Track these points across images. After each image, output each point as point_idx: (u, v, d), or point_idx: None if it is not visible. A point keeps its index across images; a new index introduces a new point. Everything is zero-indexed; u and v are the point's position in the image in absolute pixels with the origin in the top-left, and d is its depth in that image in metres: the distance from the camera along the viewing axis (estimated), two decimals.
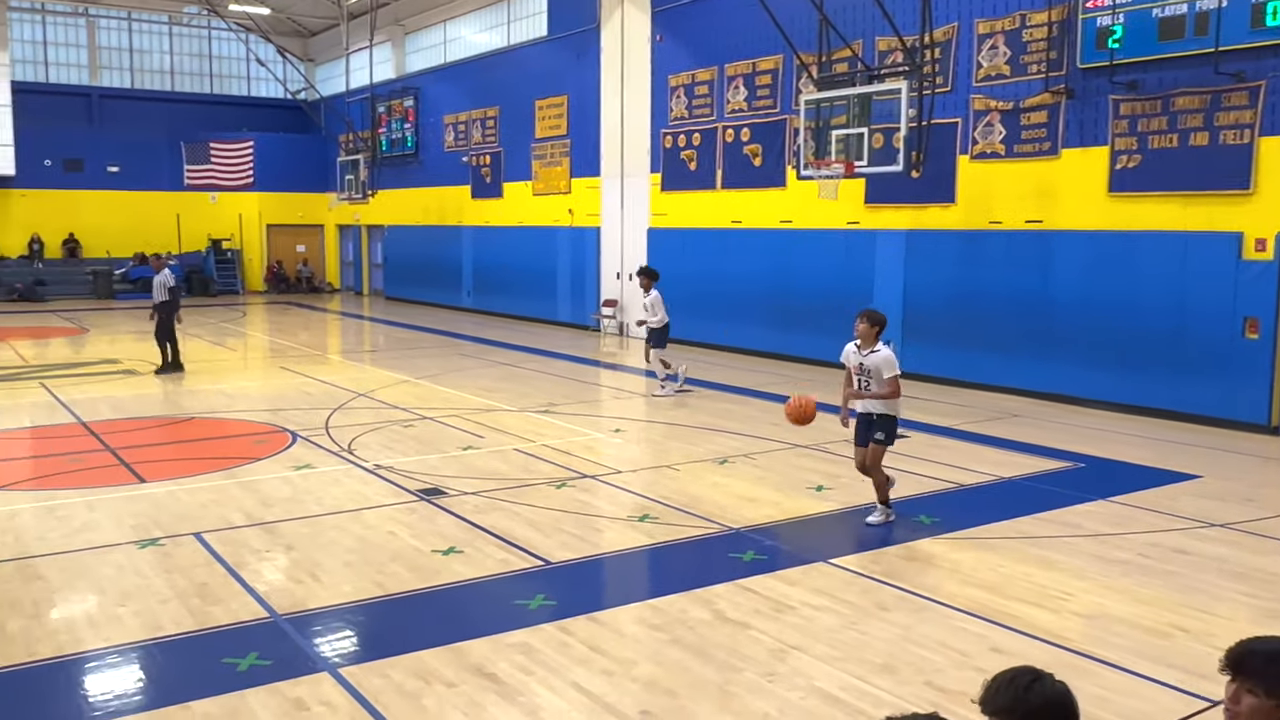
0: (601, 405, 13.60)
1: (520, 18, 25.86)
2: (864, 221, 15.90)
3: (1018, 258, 13.69)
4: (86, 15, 33.01)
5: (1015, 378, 13.84)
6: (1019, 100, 13.53)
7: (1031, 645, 5.62)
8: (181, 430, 11.88)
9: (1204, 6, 11.29)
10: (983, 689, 2.27)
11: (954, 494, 8.99)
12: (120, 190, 32.63)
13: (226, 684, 5.21)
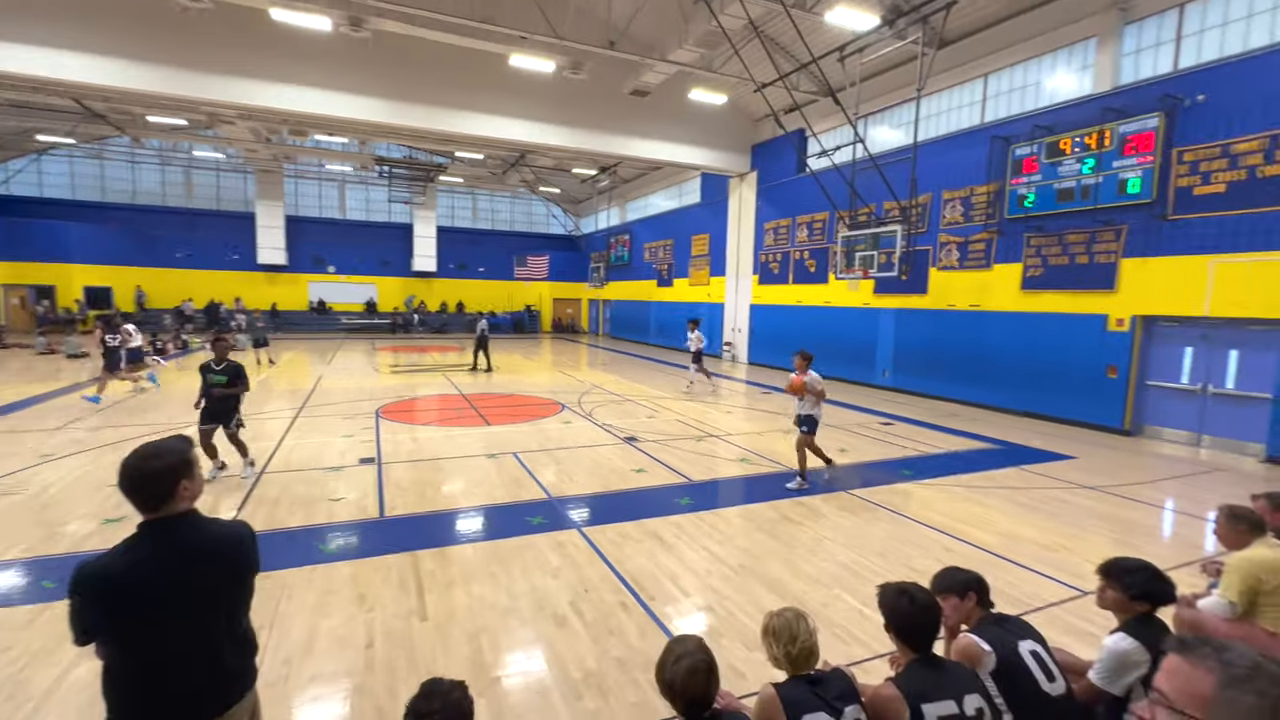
0: (721, 396, 13.52)
1: (686, 193, 26.17)
2: (872, 303, 15.25)
3: (964, 325, 12.85)
4: (473, 194, 35.46)
5: (959, 393, 12.95)
6: (968, 236, 12.71)
7: (969, 549, 5.39)
8: (507, 399, 12.59)
9: (1087, 183, 10.36)
10: (932, 580, 2.37)
11: (922, 458, 8.57)
12: (484, 280, 34.87)
13: (527, 530, 5.59)
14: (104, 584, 1.65)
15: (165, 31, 13.10)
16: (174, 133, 24.60)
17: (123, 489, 1.74)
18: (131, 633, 1.70)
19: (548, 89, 16.29)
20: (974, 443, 9.50)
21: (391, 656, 3.53)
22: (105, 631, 1.69)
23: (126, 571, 1.68)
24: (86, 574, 1.65)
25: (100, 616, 1.67)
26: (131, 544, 1.73)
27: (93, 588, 1.64)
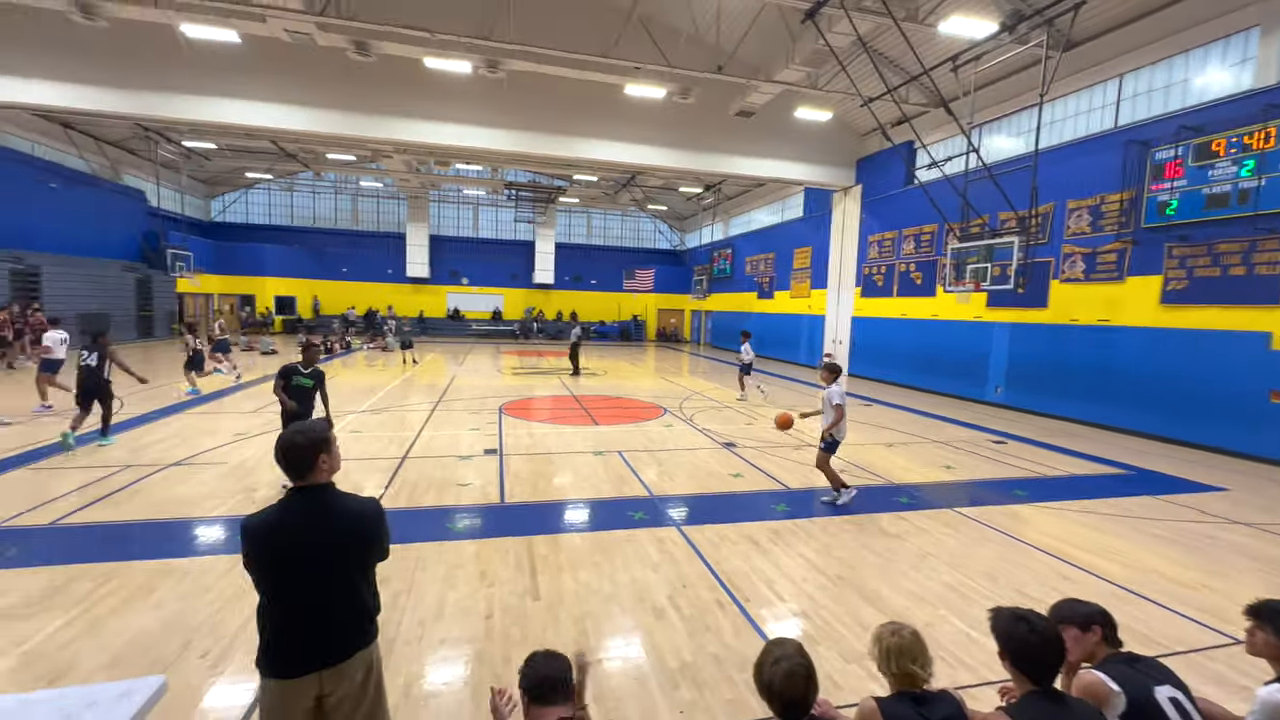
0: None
1: (789, 208, 25.47)
2: (984, 317, 13.97)
3: (1089, 340, 11.44)
4: (588, 213, 36.69)
5: (1081, 413, 11.55)
6: (1096, 247, 11.32)
7: (1091, 580, 4.78)
8: (613, 401, 12.84)
9: (1246, 187, 8.88)
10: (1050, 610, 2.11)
11: (1038, 480, 7.71)
12: (596, 291, 35.91)
13: (629, 524, 5.63)
14: (250, 533, 1.97)
15: (341, 83, 14.80)
16: (346, 167, 27.69)
17: (276, 458, 2.03)
18: (265, 576, 1.98)
19: (658, 114, 16.55)
20: (1099, 466, 8.41)
21: (507, 629, 3.71)
22: (252, 572, 1.98)
23: (266, 526, 1.98)
24: (244, 524, 1.99)
25: (248, 559, 1.97)
26: (278, 505, 2.02)
27: (245, 536, 1.97)
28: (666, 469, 7.51)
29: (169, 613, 3.75)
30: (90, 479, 6.31)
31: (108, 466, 6.78)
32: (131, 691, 1.96)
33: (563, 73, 13.81)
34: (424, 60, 13.04)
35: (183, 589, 4.06)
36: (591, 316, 35.40)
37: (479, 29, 12.83)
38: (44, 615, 3.67)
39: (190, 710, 2.90)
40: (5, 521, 5.13)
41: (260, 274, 30.26)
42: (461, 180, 29.94)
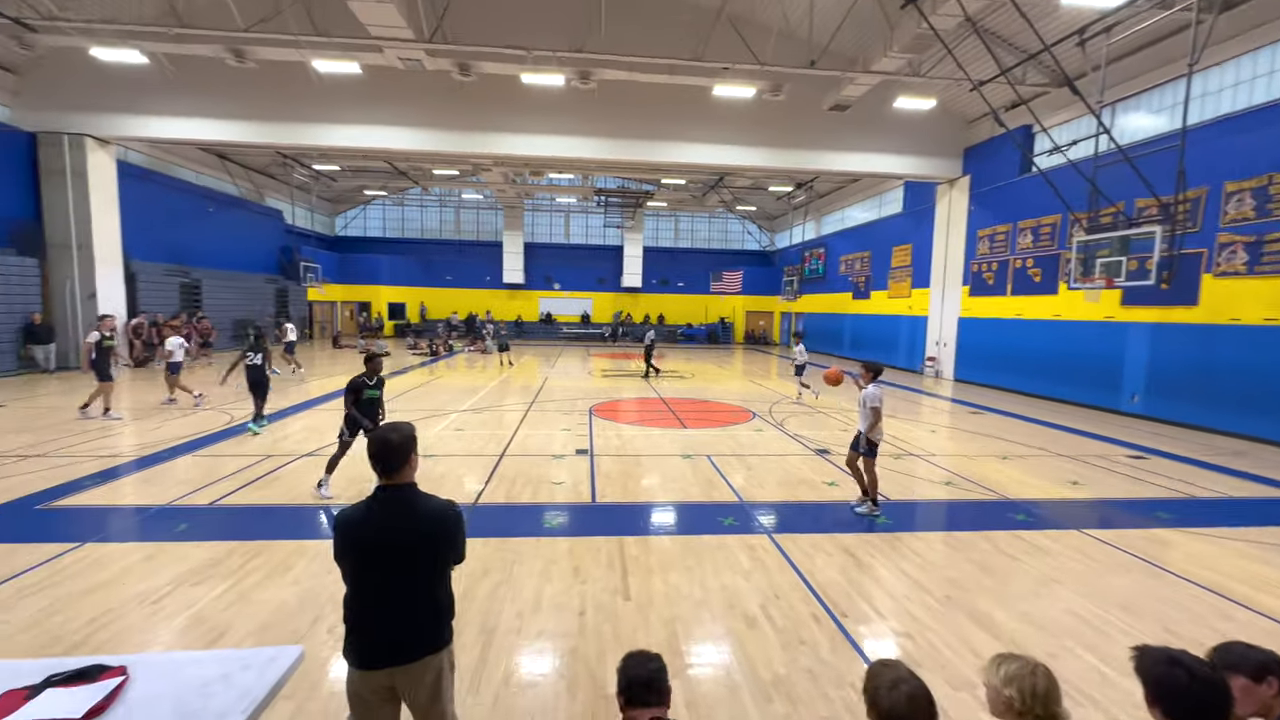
0: (922, 413, 12.17)
1: (886, 203, 24.19)
2: (1118, 316, 12.47)
3: (1256, 343, 9.89)
4: (675, 216, 36.80)
5: (1244, 426, 10.01)
6: (1263, 235, 9.79)
7: (1262, 621, 4.14)
8: (700, 405, 12.76)
9: None
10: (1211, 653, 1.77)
11: (1187, 501, 6.80)
12: (683, 294, 35.94)
13: (718, 530, 5.57)
14: (339, 526, 2.10)
15: (447, 103, 15.87)
16: (449, 181, 29.62)
17: (369, 453, 2.10)
18: (348, 567, 2.09)
19: (747, 113, 16.31)
20: (1263, 488, 7.26)
21: (599, 626, 3.80)
22: (340, 563, 2.11)
23: (354, 520, 2.09)
24: (336, 516, 2.15)
25: (337, 548, 2.10)
26: (367, 501, 2.12)
27: (335, 527, 2.11)
28: (756, 474, 7.37)
29: (303, 589, 4.19)
30: (239, 466, 7.17)
31: (253, 455, 7.68)
32: (277, 658, 2.20)
33: (653, 79, 13.97)
34: (521, 76, 13.67)
35: (314, 568, 4.51)
36: (678, 319, 35.44)
37: (571, 43, 13.28)
38: (207, 583, 4.22)
39: (319, 678, 3.21)
40: (177, 500, 5.95)
41: (375, 282, 33.05)
42: (554, 189, 31.07)
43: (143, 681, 2.03)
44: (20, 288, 14.89)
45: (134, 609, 3.87)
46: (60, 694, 1.89)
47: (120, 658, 2.11)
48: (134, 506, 5.82)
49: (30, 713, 1.80)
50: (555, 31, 13.71)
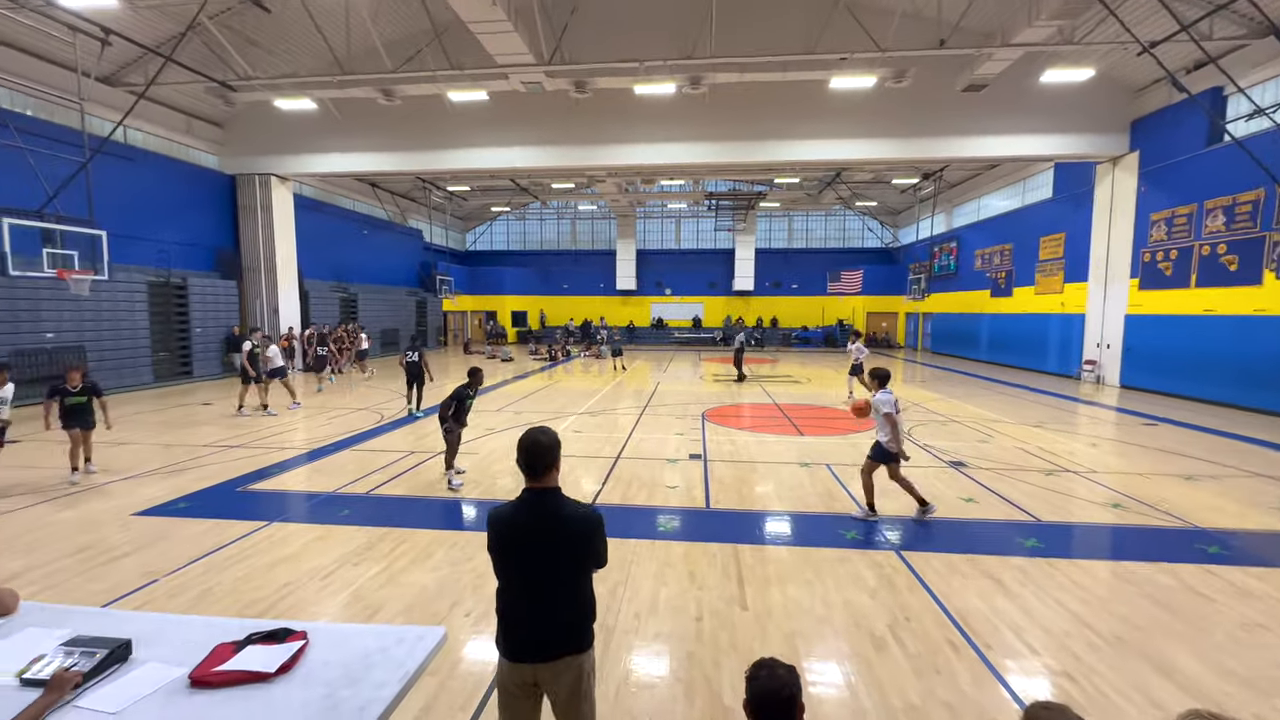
0: (1079, 425, 10.75)
1: (1031, 189, 21.70)
2: None
3: None
4: (789, 216, 35.70)
5: None
6: None
7: None
8: (818, 411, 12.24)
9: None
10: None
11: None
12: (797, 296, 34.75)
13: (840, 543, 5.31)
14: (491, 523, 2.18)
15: (564, 120, 16.69)
16: (566, 194, 31.07)
17: (520, 454, 2.16)
18: (499, 565, 2.17)
19: (867, 103, 15.45)
20: None
21: (716, 633, 3.76)
22: (492, 558, 2.20)
23: (503, 520, 2.16)
24: (489, 514, 2.21)
25: (490, 544, 2.19)
26: (516, 502, 2.18)
27: (488, 523, 2.19)
28: (881, 486, 6.91)
29: (442, 575, 4.58)
30: (389, 460, 8.01)
31: (400, 451, 8.55)
32: (425, 636, 2.42)
33: (764, 78, 13.68)
34: (633, 88, 14.02)
35: (452, 556, 4.92)
36: (793, 322, 34.32)
37: (681, 50, 13.39)
38: (364, 564, 4.76)
39: (458, 658, 3.49)
40: (341, 489, 6.78)
41: (500, 292, 35.48)
42: (665, 195, 31.49)
43: (319, 646, 2.32)
44: (224, 305, 17.82)
45: (308, 582, 4.45)
46: (258, 650, 2.22)
47: (301, 623, 2.44)
48: (307, 493, 6.71)
49: (237, 663, 2.14)
50: (666, 41, 13.91)
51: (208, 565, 4.73)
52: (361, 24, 14.74)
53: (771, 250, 35.73)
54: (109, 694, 2.04)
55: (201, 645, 2.31)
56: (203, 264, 18.01)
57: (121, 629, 2.40)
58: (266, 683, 2.09)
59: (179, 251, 17.02)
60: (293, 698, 2.03)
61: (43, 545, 5.12)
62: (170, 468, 7.63)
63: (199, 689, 2.07)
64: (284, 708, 1.98)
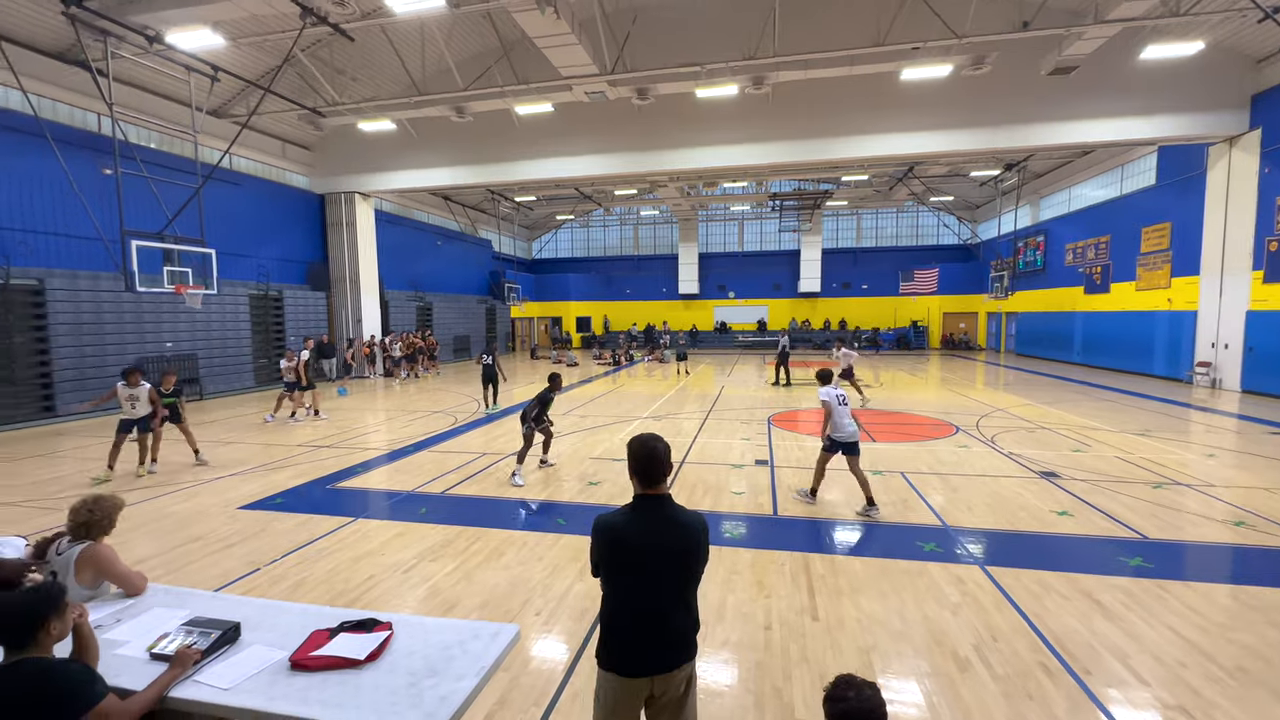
0: (1191, 435, 9.76)
1: (1131, 176, 19.94)
2: None
3: None
4: (857, 214, 34.55)
5: None
6: None
7: None
8: (890, 416, 11.71)
9: None
10: None
11: None
12: (866, 297, 33.53)
13: (917, 555, 5.09)
14: (602, 532, 2.12)
15: (626, 127, 16.90)
16: (629, 200, 31.40)
17: (636, 462, 2.08)
18: (611, 572, 2.11)
19: (942, 93, 14.73)
20: None
21: (786, 644, 3.67)
22: (600, 566, 2.14)
23: (617, 527, 2.10)
24: (597, 522, 2.14)
25: (597, 554, 2.13)
26: (628, 508, 2.13)
27: (598, 533, 2.12)
28: (961, 496, 6.53)
29: (515, 574, 4.72)
30: (462, 462, 8.35)
31: (473, 453, 8.89)
32: (500, 633, 2.50)
33: (830, 73, 13.33)
34: (695, 91, 14.00)
35: (523, 555, 5.06)
36: (862, 324, 33.13)
37: (744, 50, 13.26)
38: (440, 561, 4.98)
39: (530, 656, 3.58)
40: (418, 488, 7.13)
41: (565, 299, 36.27)
42: (728, 198, 31.21)
43: (402, 637, 2.45)
44: (314, 315, 19.18)
45: (390, 576, 4.71)
46: (349, 638, 2.37)
47: (387, 614, 2.58)
48: (388, 491, 7.10)
49: (331, 649, 2.29)
50: (727, 42, 13.84)
51: (301, 557, 5.09)
52: (436, 46, 15.54)
53: (839, 250, 34.67)
54: (221, 671, 2.24)
55: (299, 630, 2.49)
56: (296, 277, 19.48)
57: (231, 612, 2.63)
58: (357, 669, 2.23)
59: (275, 266, 18.50)
60: (380, 684, 2.15)
61: (165, 534, 5.68)
62: (268, 465, 8.29)
63: (298, 671, 2.23)
64: (372, 693, 2.10)
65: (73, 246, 13.01)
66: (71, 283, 12.52)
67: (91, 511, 2.80)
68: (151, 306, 13.92)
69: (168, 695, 2.12)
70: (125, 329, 13.44)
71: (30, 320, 11.86)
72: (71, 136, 12.89)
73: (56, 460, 8.74)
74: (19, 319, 11.67)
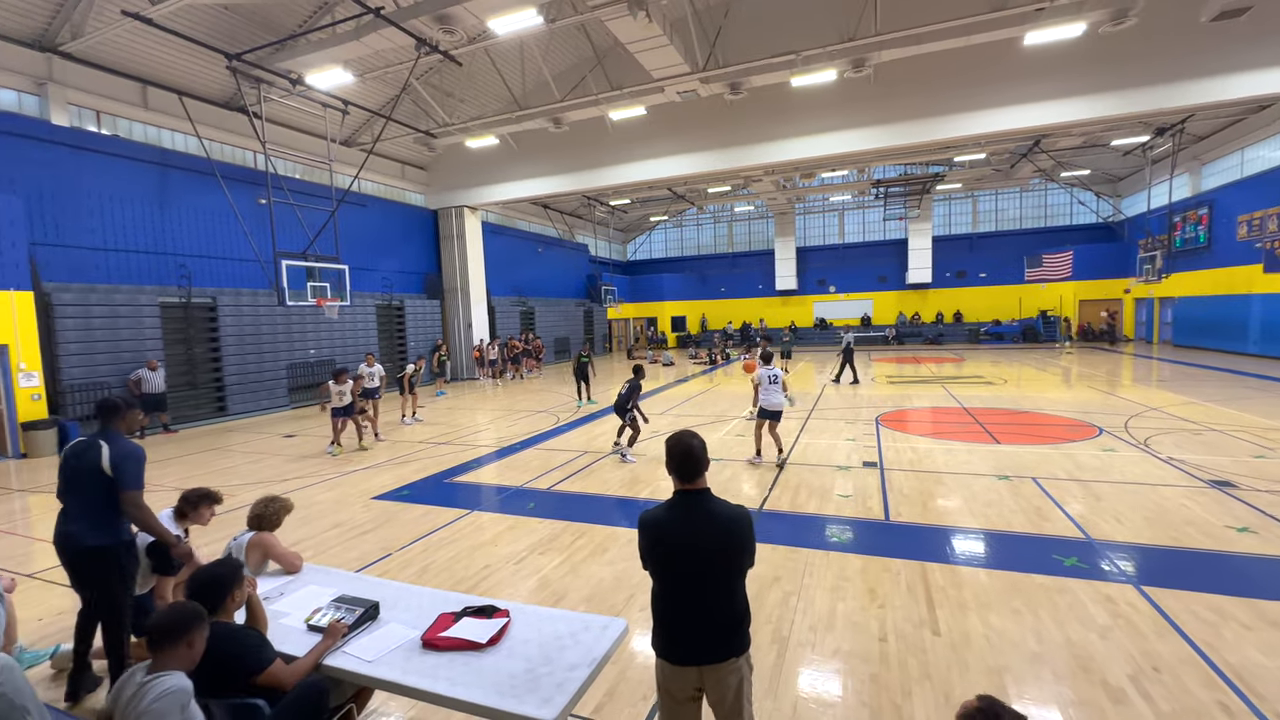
0: None
1: None
2: None
3: None
4: (973, 197, 31.91)
5: None
6: None
7: None
8: (1017, 416, 10.68)
9: None
10: None
11: None
12: (984, 286, 30.87)
13: (1055, 570, 4.64)
14: (646, 528, 2.21)
15: (718, 123, 16.71)
16: (722, 197, 31.06)
17: (673, 459, 2.18)
18: (656, 566, 2.19)
19: (1075, 55, 13.17)
20: None
21: (904, 658, 3.45)
22: (646, 560, 2.22)
23: (655, 521, 2.19)
24: (641, 518, 2.23)
25: (642, 548, 2.22)
26: (669, 504, 2.20)
27: (643, 528, 2.21)
28: (1108, 506, 5.81)
29: (618, 570, 4.82)
30: (566, 459, 8.67)
31: (575, 450, 9.20)
32: (610, 626, 2.57)
33: (941, 46, 12.37)
34: (790, 81, 13.56)
35: (626, 552, 5.16)
36: (980, 315, 30.48)
37: (842, 33, 12.66)
38: (549, 554, 5.20)
39: (635, 651, 3.64)
40: (527, 484, 7.49)
41: (660, 299, 36.54)
42: (826, 188, 29.95)
43: (519, 624, 2.58)
44: (430, 322, 20.76)
45: (504, 566, 4.98)
46: (472, 622, 2.53)
47: (504, 602, 2.73)
48: (498, 486, 7.52)
49: (457, 631, 2.46)
50: (823, 27, 13.28)
51: (425, 545, 5.53)
52: (534, 62, 16.25)
53: (952, 237, 32.12)
54: (365, 645, 2.48)
55: (428, 612, 2.70)
56: (414, 288, 21.20)
57: (371, 592, 2.90)
58: (480, 651, 2.38)
59: (397, 278, 20.24)
60: (500, 668, 2.28)
61: (314, 519, 6.40)
62: (396, 460, 9.08)
63: (428, 650, 2.42)
64: (494, 675, 2.23)
65: (236, 268, 15.01)
66: (236, 299, 14.45)
67: (265, 508, 3.40)
68: (298, 318, 15.73)
69: (322, 663, 2.38)
70: (278, 338, 15.30)
71: (206, 333, 13.84)
72: (234, 173, 14.89)
73: (228, 454, 10.13)
74: (198, 332, 13.67)
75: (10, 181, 11.00)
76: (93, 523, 3.10)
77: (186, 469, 9.04)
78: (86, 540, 3.09)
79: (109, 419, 3.23)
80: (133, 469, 3.12)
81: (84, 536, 3.09)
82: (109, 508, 3.10)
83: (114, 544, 3.15)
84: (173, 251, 13.79)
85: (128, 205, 12.97)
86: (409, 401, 12.72)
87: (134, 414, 3.35)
